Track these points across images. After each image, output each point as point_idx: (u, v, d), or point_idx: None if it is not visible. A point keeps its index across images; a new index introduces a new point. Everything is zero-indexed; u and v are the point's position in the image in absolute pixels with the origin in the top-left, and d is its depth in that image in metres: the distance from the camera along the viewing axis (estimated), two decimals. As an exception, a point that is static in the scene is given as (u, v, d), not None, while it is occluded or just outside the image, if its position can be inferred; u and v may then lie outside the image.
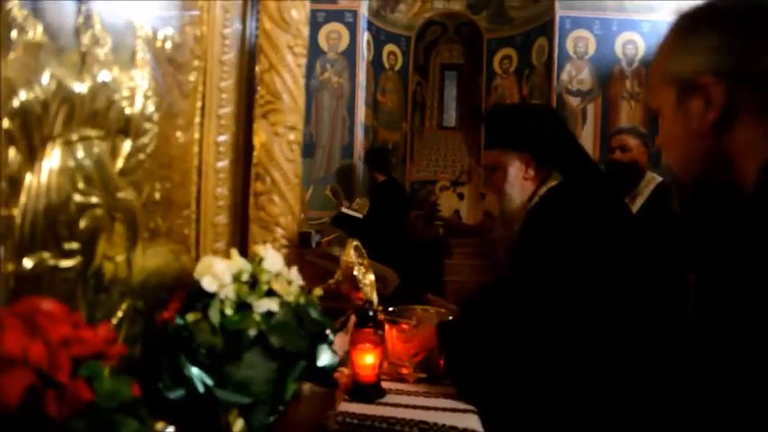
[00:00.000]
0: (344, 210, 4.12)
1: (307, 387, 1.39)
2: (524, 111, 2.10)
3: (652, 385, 1.59)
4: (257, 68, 1.30)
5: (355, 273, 2.05)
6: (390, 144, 6.17)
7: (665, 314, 1.67)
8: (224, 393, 1.01)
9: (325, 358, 1.15)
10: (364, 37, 5.51)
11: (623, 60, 5.25)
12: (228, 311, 1.06)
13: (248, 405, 1.05)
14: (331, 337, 1.20)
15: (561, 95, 5.29)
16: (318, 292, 1.20)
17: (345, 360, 1.93)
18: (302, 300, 1.15)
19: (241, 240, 1.37)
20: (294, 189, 1.28)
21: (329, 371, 1.15)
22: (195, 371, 1.02)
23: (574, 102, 5.29)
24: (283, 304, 1.13)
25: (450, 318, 1.79)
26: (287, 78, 1.27)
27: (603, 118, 5.25)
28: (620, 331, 1.61)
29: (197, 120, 1.28)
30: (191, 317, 1.07)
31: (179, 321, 1.07)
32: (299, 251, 2.99)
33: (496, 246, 5.18)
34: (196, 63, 1.24)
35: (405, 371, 2.02)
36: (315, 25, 5.36)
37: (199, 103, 1.28)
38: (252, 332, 1.07)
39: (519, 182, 1.78)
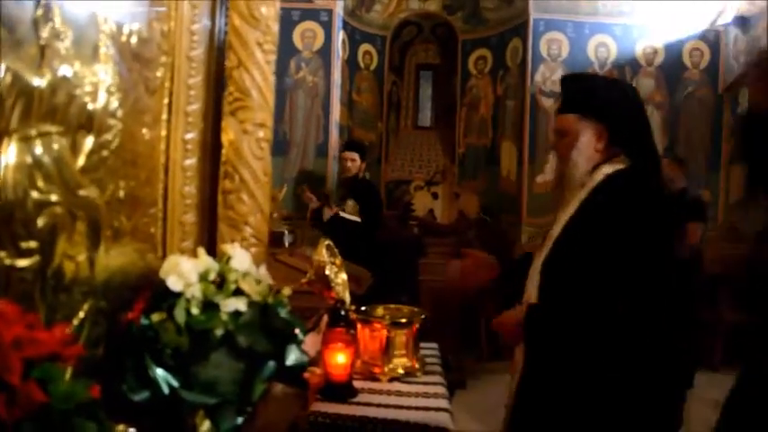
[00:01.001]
0: (343, 214, 4.07)
1: (279, 388, 1.38)
2: (612, 84, 1.97)
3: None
4: (226, 65, 1.28)
5: (327, 272, 2.04)
6: (366, 144, 6.16)
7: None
8: (190, 394, 0.99)
9: (293, 358, 1.14)
10: (339, 36, 5.50)
11: (596, 63, 5.32)
12: (195, 311, 1.05)
13: (215, 406, 1.04)
14: (300, 336, 1.19)
15: (535, 96, 5.33)
16: (287, 291, 1.19)
17: (318, 360, 1.93)
18: (270, 299, 1.13)
19: (209, 239, 1.35)
20: (263, 187, 1.27)
21: (298, 371, 1.14)
22: (160, 372, 1.00)
23: (547, 103, 5.34)
24: (251, 304, 1.12)
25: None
26: (256, 75, 1.25)
27: (576, 119, 5.30)
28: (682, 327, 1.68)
29: (164, 117, 1.25)
30: (156, 317, 1.05)
31: (144, 322, 1.05)
32: (271, 251, 2.97)
33: (471, 245, 5.22)
34: (163, 59, 1.22)
35: (377, 370, 2.02)
36: (289, 24, 5.33)
37: (166, 100, 1.26)
38: (219, 332, 1.06)
39: (588, 152, 1.74)
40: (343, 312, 1.86)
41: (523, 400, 1.75)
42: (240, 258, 1.14)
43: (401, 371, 2.03)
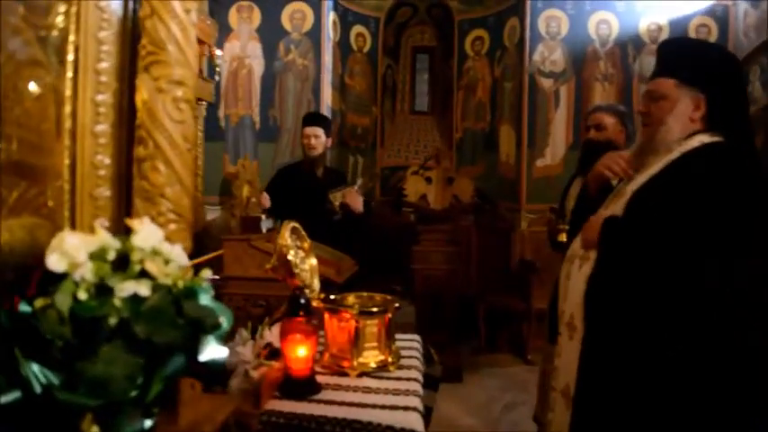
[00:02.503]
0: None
1: (198, 387, 1.22)
2: (715, 51, 1.90)
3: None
4: (139, 15, 1.11)
5: (290, 257, 1.88)
6: (360, 129, 5.97)
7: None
8: (66, 395, 0.83)
9: (210, 352, 0.97)
10: (330, 17, 5.30)
11: (597, 41, 5.09)
12: (82, 296, 0.88)
13: (106, 409, 0.87)
14: (224, 326, 1.02)
15: (533, 77, 5.12)
16: (207, 273, 1.02)
17: (277, 353, 1.76)
18: (181, 283, 0.97)
19: (131, 216, 1.18)
20: (183, 155, 1.10)
21: (215, 367, 0.98)
22: (35, 368, 0.84)
23: (546, 83, 5.13)
24: (158, 288, 0.95)
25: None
26: (172, 26, 1.08)
27: (577, 100, 5.09)
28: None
29: (69, 74, 1.09)
30: (39, 302, 0.89)
31: (24, 308, 0.89)
32: (248, 236, 2.81)
33: (468, 231, 5.04)
34: (62, 7, 1.05)
35: (346, 364, 1.86)
36: (278, 4, 5.14)
37: (71, 56, 1.09)
38: (112, 321, 0.89)
39: (684, 119, 1.69)
40: (302, 300, 1.69)
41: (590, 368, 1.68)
42: (147, 235, 0.97)
43: (373, 365, 1.87)
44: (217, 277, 2.98)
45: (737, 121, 1.70)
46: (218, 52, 4.86)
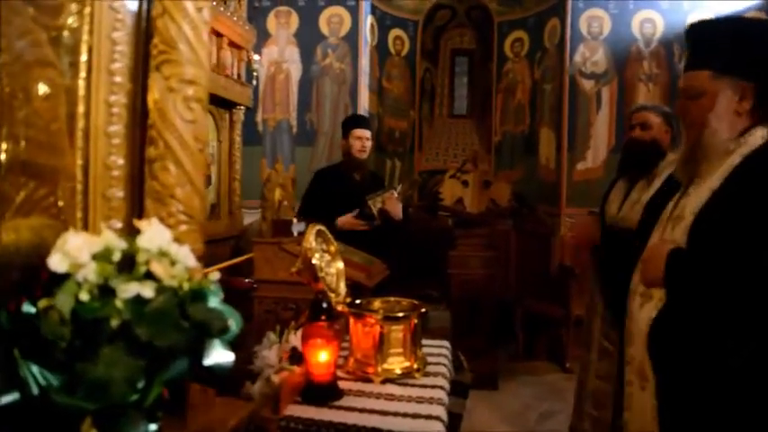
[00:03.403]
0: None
1: (211, 392, 1.20)
2: (750, 27, 1.57)
3: None
4: (152, 14, 1.10)
5: (315, 261, 1.85)
6: (397, 132, 5.95)
7: None
8: (65, 397, 0.82)
9: (215, 356, 0.95)
10: (367, 21, 5.29)
11: (640, 40, 4.93)
12: (84, 297, 0.87)
13: (107, 412, 0.86)
14: (233, 329, 1.00)
15: (574, 78, 5.00)
16: (215, 274, 1.00)
17: (299, 357, 1.74)
18: (187, 285, 0.95)
19: (143, 217, 1.18)
20: (194, 155, 1.08)
21: (220, 372, 0.95)
22: (35, 369, 0.83)
23: (588, 85, 5.00)
24: (162, 290, 0.93)
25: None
26: (184, 25, 1.07)
27: (619, 102, 4.94)
28: None
29: (82, 75, 1.09)
30: (42, 303, 0.88)
31: (27, 309, 0.88)
32: (278, 239, 2.81)
33: (507, 236, 4.94)
34: (74, 6, 1.05)
35: (370, 370, 1.82)
36: (315, 9, 5.17)
37: (84, 57, 1.09)
38: (114, 322, 0.88)
39: (729, 115, 1.45)
40: (324, 305, 1.66)
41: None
42: (153, 235, 0.96)
43: (398, 371, 1.83)
44: (250, 281, 2.99)
45: None
46: (255, 57, 4.91)
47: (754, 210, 1.32)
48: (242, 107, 4.88)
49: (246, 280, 3.10)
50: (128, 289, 0.89)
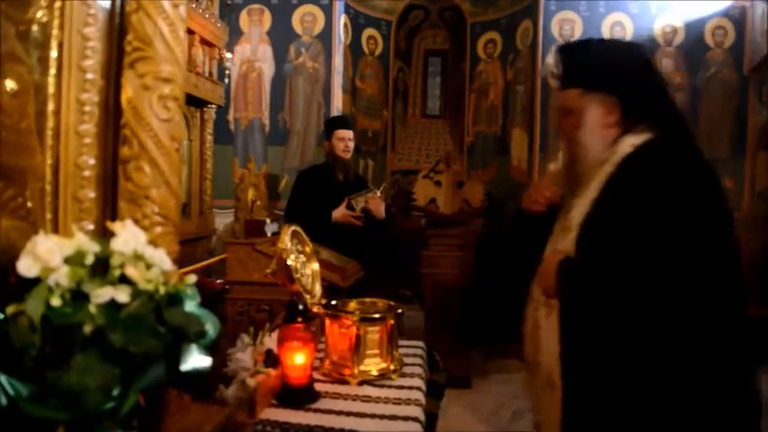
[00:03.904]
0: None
1: (186, 397, 1.17)
2: (613, 47, 1.69)
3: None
4: (126, 9, 1.07)
5: (290, 262, 1.83)
6: (370, 132, 5.93)
7: None
8: (35, 407, 0.79)
9: (192, 361, 0.93)
10: (341, 20, 5.27)
11: (611, 43, 5.01)
12: (55, 302, 0.84)
13: (80, 423, 0.83)
14: (210, 334, 0.98)
15: (546, 80, 5.05)
16: (192, 278, 0.98)
17: (275, 360, 1.72)
18: (163, 289, 0.92)
19: (116, 219, 1.14)
20: (170, 155, 1.06)
21: (197, 377, 0.93)
22: (3, 378, 0.80)
23: (559, 86, 5.05)
24: (138, 294, 0.91)
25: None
26: (159, 21, 1.04)
27: (590, 104, 5.00)
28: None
29: (52, 71, 1.05)
30: (11, 309, 0.85)
31: (-6, 315, 0.85)
32: (252, 240, 2.77)
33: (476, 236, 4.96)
34: (44, 1, 1.02)
35: (347, 371, 1.81)
36: (288, 7, 5.12)
37: (54, 52, 1.05)
38: (87, 328, 0.85)
39: (599, 128, 1.53)
40: (300, 306, 1.64)
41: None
42: (128, 238, 0.93)
43: (374, 373, 1.82)
44: (221, 281, 2.95)
45: (661, 109, 1.53)
46: (227, 55, 4.85)
47: (630, 215, 1.39)
48: (213, 106, 4.81)
49: (219, 281, 3.06)
50: (101, 293, 0.87)
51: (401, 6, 5.91)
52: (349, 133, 3.56)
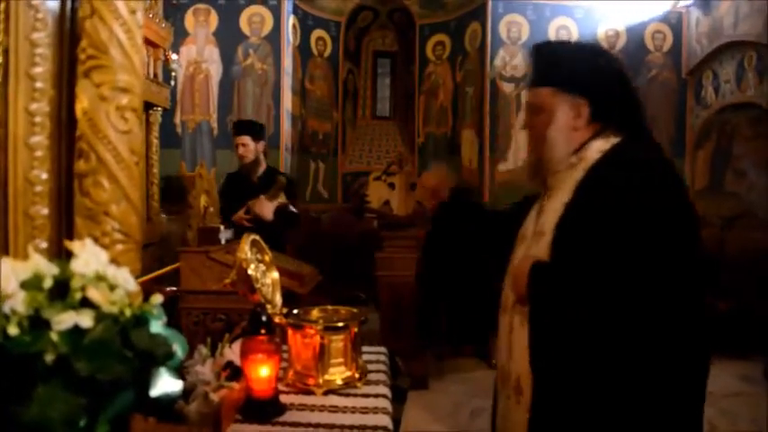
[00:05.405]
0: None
1: (152, 420, 1.12)
2: (587, 51, 1.68)
3: None
4: (79, 15, 1.01)
5: (251, 272, 1.79)
6: (321, 134, 5.89)
7: None
8: (-6, 446, 0.73)
9: (162, 386, 0.88)
10: (289, 21, 5.20)
11: (556, 46, 5.13)
12: (13, 331, 0.78)
13: (43, 457, 0.78)
14: (178, 355, 0.93)
15: (495, 81, 5.13)
16: (157, 298, 0.93)
17: (238, 373, 1.67)
18: (128, 311, 0.88)
19: (72, 237, 1.08)
20: (129, 169, 1.01)
21: (168, 402, 0.89)
22: (-42, 416, 0.74)
23: (508, 88, 5.15)
24: (102, 317, 0.86)
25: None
26: (115, 27, 0.99)
27: (538, 105, 5.11)
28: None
29: (-2, 80, 0.99)
30: (-37, 340, 0.79)
31: (-55, 347, 0.79)
32: (206, 248, 2.70)
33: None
34: (-12, 4, 0.95)
35: (311, 381, 1.77)
36: (235, 8, 5.02)
37: (-1, 59, 0.99)
38: (49, 357, 0.80)
39: (567, 130, 1.52)
40: (264, 318, 1.60)
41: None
42: (89, 258, 0.88)
43: (339, 382, 1.79)
44: (174, 288, 2.86)
45: (628, 116, 1.54)
46: (173, 56, 4.71)
47: (600, 221, 1.39)
48: (159, 108, 4.66)
49: (168, 288, 2.96)
50: (63, 319, 0.81)
51: (350, 7, 5.89)
52: (242, 139, 3.69)
